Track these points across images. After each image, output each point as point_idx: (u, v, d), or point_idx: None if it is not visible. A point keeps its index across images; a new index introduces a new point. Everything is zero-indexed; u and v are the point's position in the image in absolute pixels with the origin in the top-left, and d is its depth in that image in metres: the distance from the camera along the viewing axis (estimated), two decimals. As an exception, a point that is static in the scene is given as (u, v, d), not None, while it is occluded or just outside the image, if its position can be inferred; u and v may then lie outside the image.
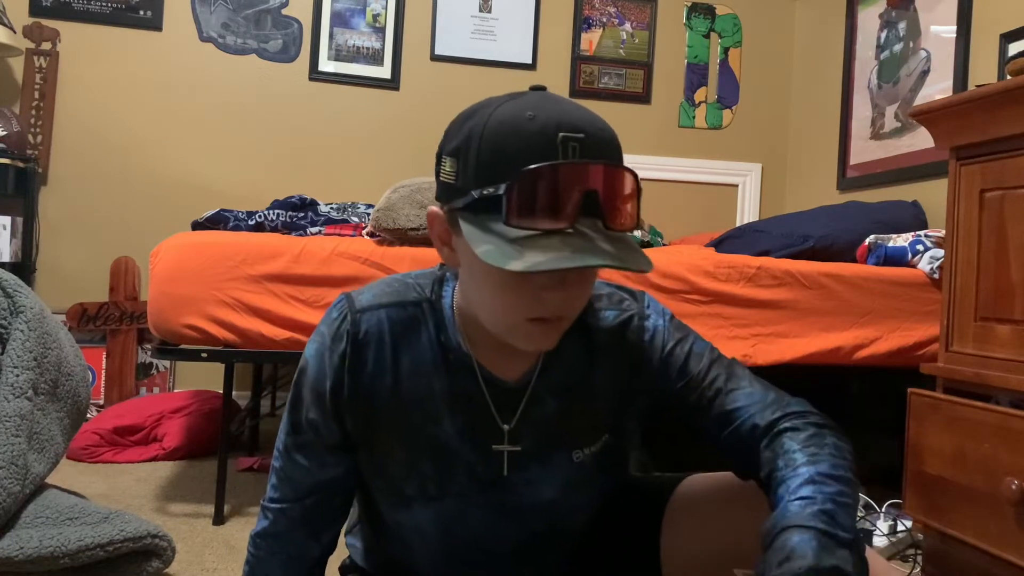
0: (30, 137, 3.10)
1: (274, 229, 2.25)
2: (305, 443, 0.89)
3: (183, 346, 1.93)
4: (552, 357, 0.89)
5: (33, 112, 3.14)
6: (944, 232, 1.77)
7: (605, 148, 0.75)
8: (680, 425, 0.95)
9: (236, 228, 2.24)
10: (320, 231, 2.26)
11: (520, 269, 0.69)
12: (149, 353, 3.18)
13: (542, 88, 0.80)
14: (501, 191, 0.72)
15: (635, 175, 0.76)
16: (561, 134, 0.73)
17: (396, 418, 0.87)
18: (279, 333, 1.89)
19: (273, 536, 0.91)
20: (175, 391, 3.14)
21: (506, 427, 0.88)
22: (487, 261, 0.71)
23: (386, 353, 0.87)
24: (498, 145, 0.73)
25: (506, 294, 0.77)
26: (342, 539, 1.09)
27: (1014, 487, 1.36)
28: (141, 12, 3.24)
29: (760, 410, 0.87)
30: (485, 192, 0.73)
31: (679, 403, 0.91)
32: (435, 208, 0.82)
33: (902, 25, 3.04)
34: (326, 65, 3.40)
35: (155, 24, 3.26)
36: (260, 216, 2.28)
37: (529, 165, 0.72)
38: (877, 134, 3.13)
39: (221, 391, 2.29)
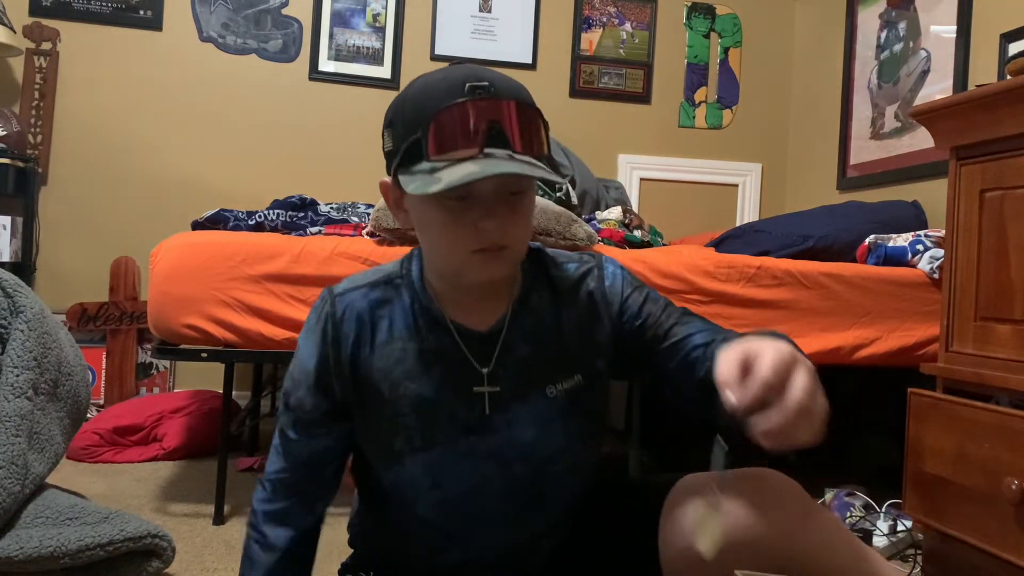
0: (30, 137, 3.10)
1: (274, 229, 2.25)
2: (297, 419, 0.98)
3: (183, 346, 1.93)
4: (520, 306, 0.98)
5: (33, 112, 3.14)
6: (944, 232, 1.77)
7: (510, 92, 0.86)
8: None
9: (236, 228, 2.24)
10: (320, 231, 2.26)
11: (437, 189, 0.80)
12: (149, 353, 3.18)
13: (461, 62, 0.90)
14: (420, 136, 0.84)
15: (537, 110, 0.87)
16: (468, 84, 0.84)
17: (378, 382, 0.95)
18: (279, 333, 1.89)
19: (270, 503, 0.99)
20: (175, 391, 3.13)
21: (485, 370, 0.95)
22: (414, 193, 0.83)
23: (364, 326, 0.96)
24: (417, 104, 0.86)
25: (448, 230, 0.87)
26: (336, 538, 1.10)
27: (1014, 487, 1.36)
28: (141, 12, 3.24)
29: (708, 336, 0.95)
30: (410, 141, 0.85)
31: (638, 341, 1.00)
32: (385, 179, 0.94)
33: (902, 25, 3.04)
34: (326, 65, 3.40)
35: (155, 24, 3.26)
36: (260, 216, 2.28)
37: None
38: (877, 134, 3.13)
39: (221, 391, 2.29)
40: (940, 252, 2.21)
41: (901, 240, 2.34)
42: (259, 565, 0.98)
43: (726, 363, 0.75)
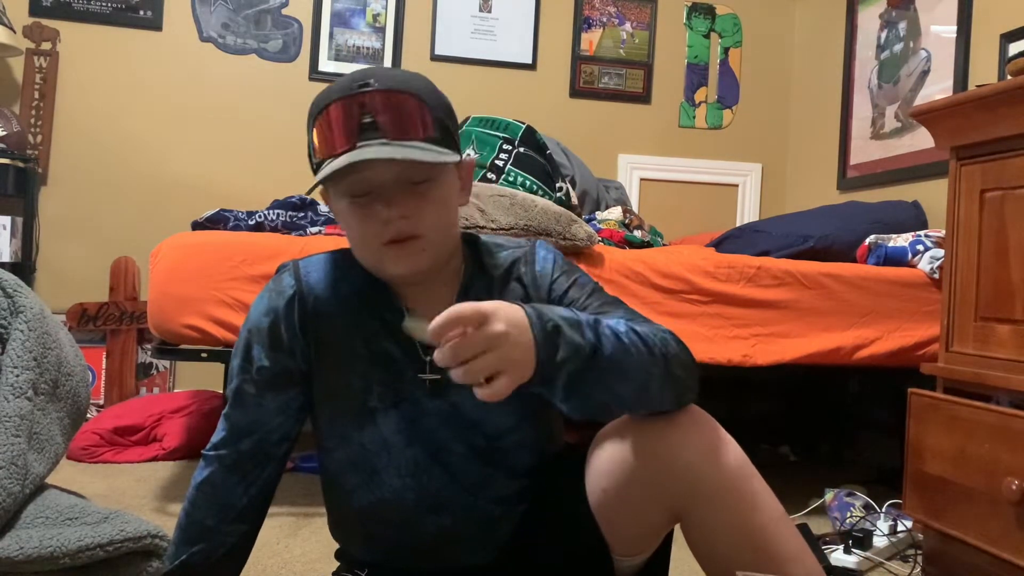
0: (30, 137, 3.10)
1: (274, 229, 2.25)
2: (249, 381, 1.00)
3: (183, 346, 1.93)
4: (464, 295, 1.02)
5: (33, 112, 3.14)
6: (944, 232, 1.77)
7: (387, 83, 0.90)
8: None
9: (236, 228, 2.23)
10: (320, 231, 2.26)
11: (317, 180, 0.90)
12: (149, 353, 3.18)
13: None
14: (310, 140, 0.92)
15: (412, 94, 0.91)
16: (355, 84, 0.90)
17: (345, 337, 0.99)
18: (279, 333, 1.89)
19: (211, 483, 1.02)
20: (175, 391, 3.14)
21: (428, 359, 0.97)
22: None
23: (328, 282, 1.00)
24: (312, 109, 0.93)
25: (360, 226, 0.93)
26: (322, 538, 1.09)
27: (1014, 487, 1.36)
28: (141, 12, 3.24)
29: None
30: (313, 146, 0.92)
31: None
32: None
33: (902, 25, 3.04)
34: (326, 65, 3.40)
35: (155, 24, 3.26)
36: (260, 216, 2.28)
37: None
38: (877, 134, 3.13)
39: (221, 391, 2.29)
40: (940, 252, 2.21)
41: (901, 240, 2.34)
42: (195, 550, 1.01)
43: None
